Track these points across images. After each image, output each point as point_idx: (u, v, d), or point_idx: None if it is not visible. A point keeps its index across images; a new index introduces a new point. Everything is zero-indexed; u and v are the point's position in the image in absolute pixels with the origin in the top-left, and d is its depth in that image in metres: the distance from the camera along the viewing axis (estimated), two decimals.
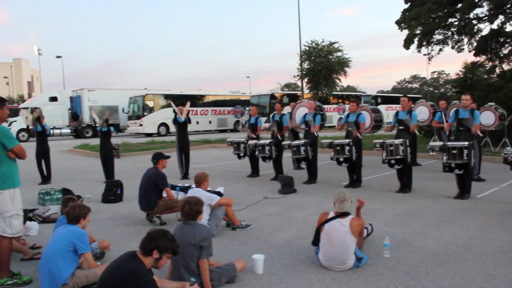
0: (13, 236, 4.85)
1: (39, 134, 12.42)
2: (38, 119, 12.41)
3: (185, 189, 7.69)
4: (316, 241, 5.09)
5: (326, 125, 16.18)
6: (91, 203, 8.73)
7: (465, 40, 23.32)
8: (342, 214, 4.97)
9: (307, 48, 37.49)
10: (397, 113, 9.78)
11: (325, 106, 27.85)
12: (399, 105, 9.89)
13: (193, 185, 6.93)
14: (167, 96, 38.84)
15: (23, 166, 5.06)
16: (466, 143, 8.17)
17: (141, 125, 35.52)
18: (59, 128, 36.43)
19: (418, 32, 22.47)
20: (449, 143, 8.43)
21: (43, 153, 12.30)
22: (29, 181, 12.06)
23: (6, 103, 5.03)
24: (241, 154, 12.19)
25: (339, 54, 37.56)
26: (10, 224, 4.77)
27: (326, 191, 9.72)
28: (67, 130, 37.37)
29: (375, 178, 11.21)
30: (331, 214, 5.05)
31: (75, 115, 38.48)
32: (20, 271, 4.98)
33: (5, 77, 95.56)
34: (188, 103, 12.85)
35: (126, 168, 14.71)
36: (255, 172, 12.35)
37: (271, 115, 12.51)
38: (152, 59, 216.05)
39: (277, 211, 7.92)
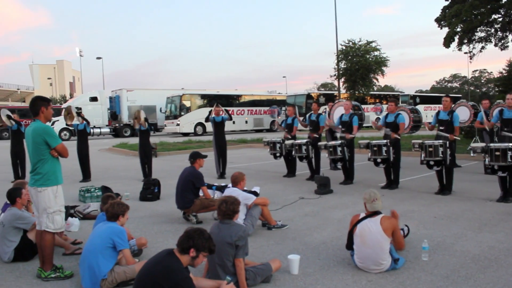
0: (55, 232, 5.01)
1: (80, 133, 12.75)
2: (79, 115, 12.61)
3: (221, 189, 7.74)
4: (349, 245, 5.02)
5: (364, 125, 16.00)
6: (129, 201, 8.90)
7: (510, 37, 22.55)
8: (373, 214, 4.92)
9: (344, 47, 37.07)
10: (438, 113, 9.56)
11: (363, 106, 27.49)
12: (439, 105, 9.67)
13: (230, 185, 6.97)
14: (203, 96, 39.27)
15: (64, 164, 5.19)
16: (511, 144, 7.91)
17: (178, 124, 35.97)
18: (99, 127, 37.30)
19: (459, 29, 21.89)
20: (491, 144, 8.18)
21: (83, 152, 12.63)
22: (70, 179, 12.40)
23: (51, 103, 5.20)
24: (277, 154, 12.17)
25: (376, 53, 36.96)
26: (53, 220, 4.91)
27: (363, 192, 9.56)
28: (107, 129, 38.23)
29: (413, 180, 10.99)
30: (362, 215, 5.00)
31: (114, 115, 39.33)
32: (62, 265, 5.13)
33: (49, 78, 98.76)
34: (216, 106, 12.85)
35: (163, 167, 14.93)
36: (291, 172, 12.32)
37: (307, 115, 12.43)
38: (189, 60, 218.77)
39: (313, 212, 7.88)
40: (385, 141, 9.62)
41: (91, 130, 33.73)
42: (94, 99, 37.88)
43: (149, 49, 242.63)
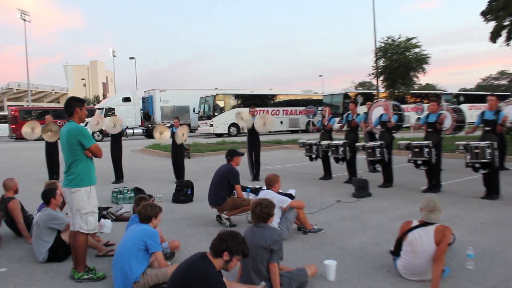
0: (88, 233, 5.11)
1: (114, 134, 12.96)
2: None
3: (255, 191, 7.75)
4: (396, 252, 4.89)
5: (404, 125, 15.73)
6: (162, 203, 9.01)
7: None
8: (427, 223, 4.71)
9: (382, 44, 36.54)
10: (483, 113, 9.31)
11: (402, 106, 27.02)
12: (485, 104, 9.40)
13: (264, 187, 6.97)
14: (237, 96, 39.43)
15: (97, 165, 5.30)
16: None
17: (211, 125, 36.23)
18: (132, 128, 37.97)
19: (506, 23, 21.22)
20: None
21: (116, 153, 12.88)
22: (103, 180, 12.65)
23: (85, 104, 5.32)
24: (313, 156, 12.10)
25: (417, 50, 36.25)
26: (86, 221, 5.02)
27: (403, 195, 9.44)
28: (139, 130, 38.89)
29: (457, 183, 10.73)
30: (415, 223, 4.81)
31: (147, 115, 39.97)
32: (95, 266, 5.23)
33: (83, 79, 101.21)
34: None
35: (196, 168, 15.06)
36: (327, 174, 12.22)
37: (344, 115, 12.32)
38: (223, 59, 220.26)
39: (351, 216, 7.80)
40: (427, 142, 9.42)
41: (124, 131, 34.38)
42: (127, 99, 38.63)
43: (183, 48, 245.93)
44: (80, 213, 4.99)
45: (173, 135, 12.59)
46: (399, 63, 35.58)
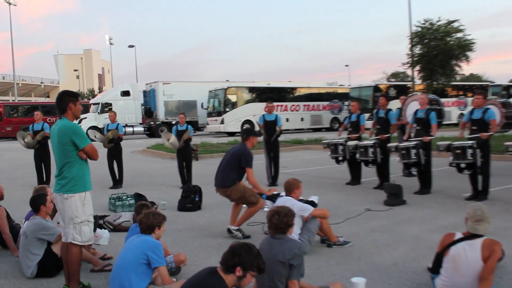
0: (83, 244, 5.15)
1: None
2: (112, 140, 12.73)
3: (273, 198, 7.75)
4: (435, 269, 4.83)
5: (443, 122, 15.62)
6: (166, 210, 9.07)
7: None
8: (473, 235, 4.62)
9: (419, 29, 36.28)
10: None
11: (442, 100, 26.90)
12: None
13: (283, 193, 6.98)
14: (252, 89, 39.45)
15: (92, 168, 5.33)
16: (470, 142, 7.60)
17: (222, 122, 36.27)
18: (132, 126, 38.08)
19: None
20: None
21: (115, 154, 12.98)
22: (99, 185, 12.75)
23: (79, 98, 5.36)
24: (340, 158, 12.07)
25: (459, 35, 35.94)
26: (80, 231, 5.05)
27: (443, 203, 9.38)
28: (140, 128, 39.10)
29: (507, 189, 10.63)
30: (458, 235, 4.72)
31: (149, 111, 40.14)
32: (90, 283, 5.28)
33: (75, 70, 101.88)
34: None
35: (205, 171, 15.07)
36: (355, 179, 12.19)
37: (374, 111, 12.27)
38: (234, 48, 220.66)
39: (382, 226, 7.78)
40: (471, 142, 9.35)
41: (124, 130, 34.58)
42: (126, 93, 38.87)
43: (189, 36, 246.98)
44: (74, 222, 5.01)
45: (179, 134, 12.64)
46: (438, 50, 35.30)
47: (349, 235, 7.15)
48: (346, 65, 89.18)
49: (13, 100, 65.71)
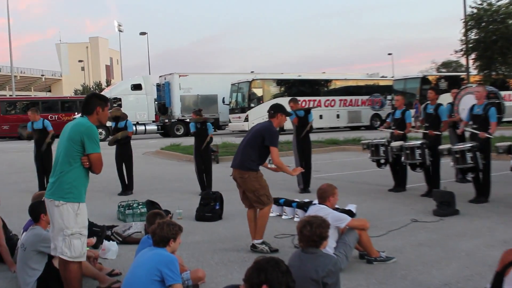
0: (73, 260, 5.12)
1: (119, 131, 13.05)
2: (117, 118, 13.09)
3: (304, 206, 7.76)
4: None
5: (504, 119, 15.40)
6: (182, 220, 9.12)
7: None
8: None
9: (474, 10, 35.86)
10: None
11: (502, 93, 26.45)
12: None
13: (316, 201, 6.97)
14: (280, 82, 39.39)
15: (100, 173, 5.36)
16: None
17: (246, 120, 36.22)
18: (143, 124, 38.30)
19: None
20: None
21: (124, 156, 13.05)
22: (106, 191, 12.89)
23: (109, 104, 5.43)
24: (382, 161, 11.98)
25: None
26: (70, 244, 5.04)
27: (503, 214, 9.29)
28: (153, 127, 39.28)
29: None
30: None
31: (163, 108, 40.37)
32: None
33: (80, 61, 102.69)
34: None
35: (227, 176, 15.03)
36: (400, 185, 12.09)
37: (422, 106, 12.16)
38: (260, 34, 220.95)
39: (431, 240, 7.72)
40: None
41: (134, 128, 34.88)
42: (137, 87, 39.12)
43: (208, 21, 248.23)
44: (63, 233, 5.02)
45: (198, 131, 12.62)
46: (497, 35, 34.83)
47: (393, 250, 7.13)
48: (389, 54, 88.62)
49: (10, 95, 66.63)
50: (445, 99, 15.64)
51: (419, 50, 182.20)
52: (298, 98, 12.86)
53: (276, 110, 7.61)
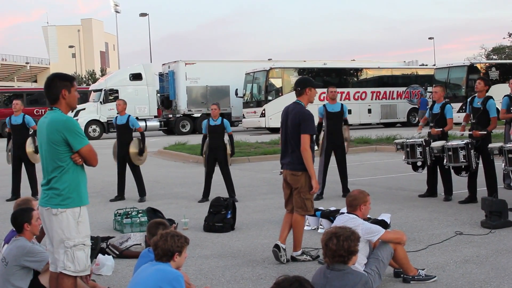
0: (77, 275, 5.17)
1: (121, 129, 13.15)
2: (142, 150, 13.20)
3: (330, 215, 7.75)
4: None
5: None
6: (189, 231, 9.18)
7: None
8: None
9: None
10: None
11: None
12: None
13: (343, 209, 6.96)
14: (302, 71, 39.17)
15: (93, 175, 5.40)
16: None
17: (263, 115, 36.19)
18: (144, 120, 38.22)
19: None
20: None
21: (125, 156, 12.99)
22: (101, 196, 12.93)
23: (75, 83, 5.36)
24: (419, 164, 11.91)
25: None
26: (73, 257, 5.05)
27: None
28: (155, 123, 39.27)
29: None
30: None
31: (166, 101, 40.38)
32: None
33: (71, 47, 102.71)
34: None
35: (240, 180, 15.09)
36: (447, 192, 11.94)
37: (468, 100, 12.05)
38: (277, 16, 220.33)
39: (479, 256, 7.68)
40: None
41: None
42: (136, 77, 39.10)
43: (218, 1, 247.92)
44: (65, 245, 5.03)
45: (211, 131, 12.52)
46: None
47: (433, 267, 7.11)
48: (430, 38, 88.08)
49: None
50: (498, 91, 15.50)
51: (465, 34, 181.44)
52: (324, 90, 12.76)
53: (304, 84, 7.56)
